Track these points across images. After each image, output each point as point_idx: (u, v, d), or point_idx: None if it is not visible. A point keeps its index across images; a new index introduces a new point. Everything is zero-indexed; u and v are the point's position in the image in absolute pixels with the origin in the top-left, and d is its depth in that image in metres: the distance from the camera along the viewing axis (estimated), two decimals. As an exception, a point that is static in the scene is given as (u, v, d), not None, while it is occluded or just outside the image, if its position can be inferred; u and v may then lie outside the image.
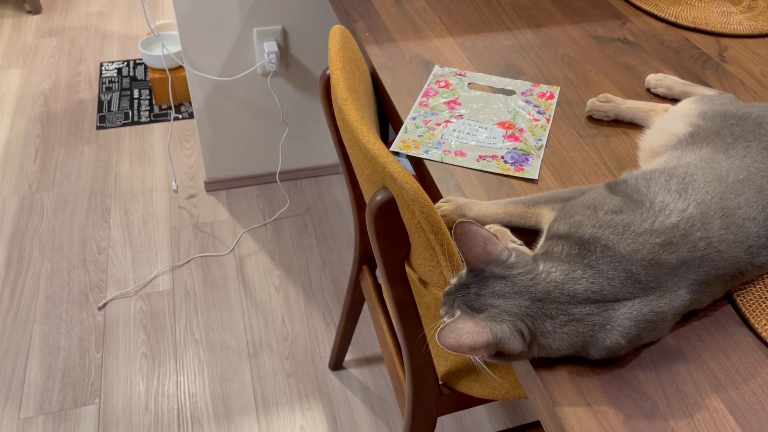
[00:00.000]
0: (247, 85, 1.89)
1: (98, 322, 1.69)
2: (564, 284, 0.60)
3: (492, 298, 0.61)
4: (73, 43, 2.83)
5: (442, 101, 0.99)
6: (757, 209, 0.66)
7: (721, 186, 0.67)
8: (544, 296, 0.60)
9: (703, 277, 0.63)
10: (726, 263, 0.64)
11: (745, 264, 0.66)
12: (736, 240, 0.65)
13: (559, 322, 0.60)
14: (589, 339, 0.61)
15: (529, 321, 0.60)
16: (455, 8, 1.23)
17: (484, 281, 0.62)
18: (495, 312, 0.60)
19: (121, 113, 2.43)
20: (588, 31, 1.18)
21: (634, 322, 0.60)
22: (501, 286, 0.61)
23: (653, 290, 0.61)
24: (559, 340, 0.61)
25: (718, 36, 1.18)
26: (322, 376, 1.59)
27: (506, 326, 0.59)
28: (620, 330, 0.60)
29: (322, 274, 1.84)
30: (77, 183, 2.11)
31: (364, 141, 0.78)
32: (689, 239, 0.63)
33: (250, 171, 2.09)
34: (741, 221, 0.65)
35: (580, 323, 0.60)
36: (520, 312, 0.60)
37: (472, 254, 0.62)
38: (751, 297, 0.69)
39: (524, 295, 0.60)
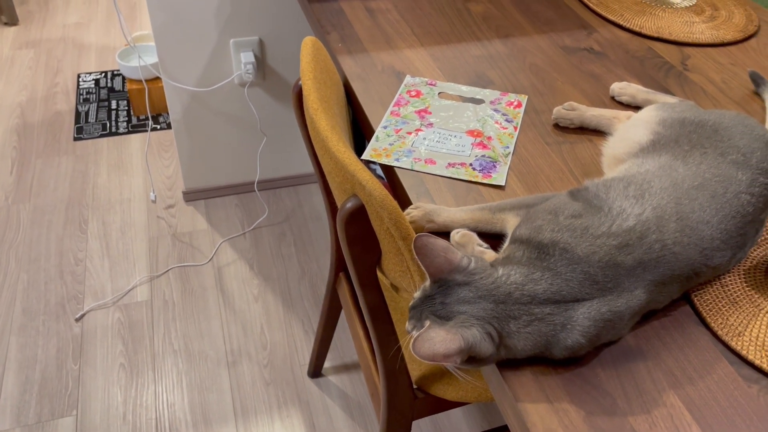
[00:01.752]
0: (224, 95, 1.90)
1: (75, 334, 1.68)
2: (524, 285, 0.63)
3: (458, 305, 0.63)
4: (50, 54, 2.82)
5: (412, 110, 1.01)
6: (710, 213, 0.69)
7: (677, 192, 0.70)
8: (506, 298, 0.62)
9: (659, 277, 0.65)
10: (681, 264, 0.67)
11: (699, 265, 0.68)
12: (690, 242, 0.67)
13: (522, 323, 0.62)
14: (551, 338, 0.63)
15: (496, 323, 0.62)
16: (427, 19, 1.26)
17: (447, 290, 0.64)
18: (463, 318, 0.62)
19: (98, 124, 2.43)
20: (556, 41, 1.21)
21: (592, 321, 0.62)
22: (465, 292, 0.63)
23: (611, 290, 0.63)
24: (523, 340, 0.63)
25: (681, 45, 1.21)
26: (301, 384, 1.59)
27: (475, 330, 0.61)
28: (580, 329, 0.62)
29: (301, 282, 1.85)
30: (54, 194, 2.11)
31: (334, 150, 0.79)
32: (645, 241, 0.65)
33: (228, 180, 2.10)
34: (695, 225, 0.68)
35: (542, 323, 0.62)
36: (486, 315, 0.62)
37: (434, 265, 0.64)
38: (707, 297, 0.72)
39: (488, 299, 0.62)
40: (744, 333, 0.68)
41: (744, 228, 0.71)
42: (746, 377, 0.65)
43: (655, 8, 1.32)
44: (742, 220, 0.71)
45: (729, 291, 0.72)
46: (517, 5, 1.31)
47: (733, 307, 0.71)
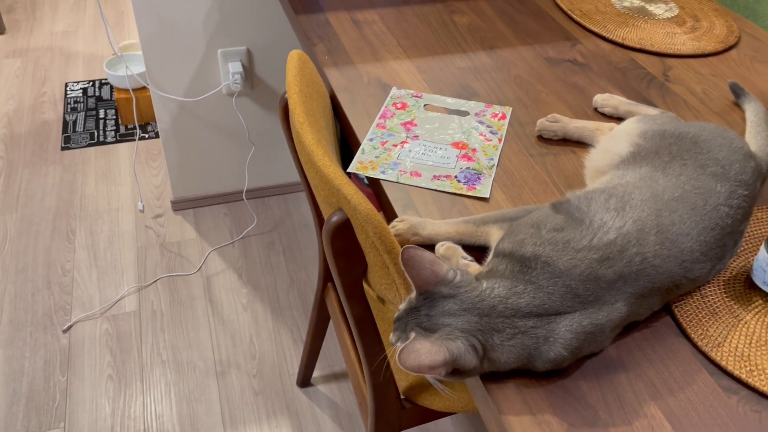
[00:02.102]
0: (212, 105, 1.90)
1: (63, 345, 1.68)
2: (507, 299, 0.63)
3: (443, 317, 0.64)
4: (37, 63, 2.81)
5: (398, 122, 1.02)
6: (690, 225, 0.70)
7: (657, 204, 0.71)
8: (490, 311, 0.63)
9: (639, 290, 0.67)
10: (661, 277, 0.68)
11: (679, 278, 0.69)
12: (670, 255, 0.68)
13: (506, 335, 0.63)
14: (534, 351, 0.64)
15: (480, 336, 0.63)
16: (413, 31, 1.27)
17: (433, 302, 0.65)
18: (448, 330, 0.63)
19: (86, 133, 2.42)
20: (540, 52, 1.22)
21: (574, 334, 0.63)
22: (450, 305, 0.64)
23: (592, 304, 0.64)
24: (506, 353, 0.63)
25: (663, 56, 1.23)
26: (290, 394, 1.60)
27: (460, 343, 0.62)
28: (562, 342, 0.63)
29: (290, 291, 1.86)
30: (42, 204, 2.10)
31: (319, 164, 0.80)
32: (625, 255, 0.66)
33: (217, 190, 2.10)
34: (675, 237, 0.69)
35: (525, 336, 0.63)
36: (470, 328, 0.63)
37: (420, 278, 0.65)
38: (688, 308, 0.73)
39: (472, 312, 0.63)
40: (723, 344, 0.69)
41: (723, 240, 0.72)
42: (725, 388, 0.66)
43: (637, 19, 1.34)
44: (721, 232, 0.72)
45: (709, 302, 0.74)
46: (502, 17, 1.33)
47: (713, 318, 0.72)
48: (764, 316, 0.72)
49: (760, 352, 0.68)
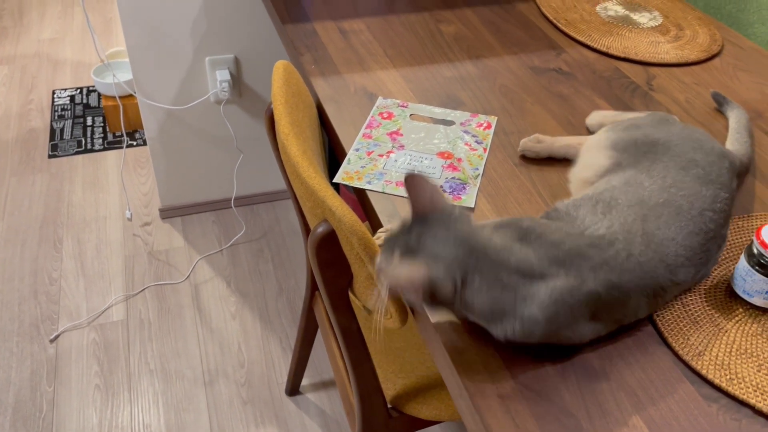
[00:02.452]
0: (200, 113, 1.90)
1: (50, 355, 1.67)
2: (500, 250, 0.64)
3: (432, 242, 0.64)
4: (24, 70, 2.80)
5: (384, 132, 1.03)
6: (675, 230, 0.71)
7: (643, 209, 0.72)
8: (479, 252, 0.64)
9: (623, 283, 0.67)
10: (646, 277, 0.68)
11: (665, 280, 0.70)
12: (655, 257, 0.69)
13: (486, 281, 0.63)
14: (508, 308, 0.64)
15: (461, 271, 0.63)
16: (399, 40, 1.27)
17: (426, 227, 0.65)
18: (432, 255, 0.63)
19: (74, 141, 2.41)
20: (525, 61, 1.23)
21: (552, 299, 0.64)
22: (442, 232, 0.64)
23: (575, 278, 0.65)
24: (482, 298, 0.63)
25: (647, 65, 1.25)
26: (278, 402, 1.59)
27: (442, 269, 0.63)
28: (538, 303, 0.63)
29: (278, 299, 1.85)
30: (28, 213, 2.09)
31: (304, 175, 0.80)
32: (613, 248, 0.68)
33: (205, 197, 2.10)
34: (660, 241, 0.70)
35: (504, 289, 0.63)
36: (456, 259, 0.63)
37: (419, 202, 0.66)
38: (669, 317, 0.74)
39: (462, 246, 0.64)
40: (704, 353, 0.70)
41: (707, 244, 0.73)
42: (706, 396, 0.67)
43: (621, 28, 1.35)
44: (705, 237, 0.73)
45: (690, 311, 0.74)
46: (488, 26, 1.34)
47: (694, 327, 0.72)
48: (745, 325, 0.73)
49: (740, 360, 0.69)
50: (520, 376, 0.68)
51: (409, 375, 1.07)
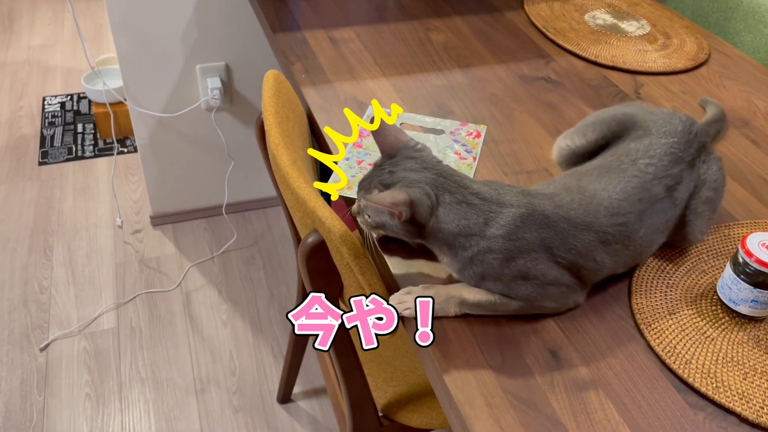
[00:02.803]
0: (191, 120, 1.90)
1: (40, 364, 1.66)
2: (464, 178, 0.74)
3: (404, 172, 0.73)
4: (14, 77, 2.79)
5: (374, 141, 1.03)
6: (605, 182, 0.77)
7: (577, 176, 0.80)
8: (446, 174, 0.73)
9: (570, 216, 0.73)
10: (589, 215, 0.74)
11: (609, 223, 0.74)
12: (593, 201, 0.75)
13: (455, 198, 0.72)
14: (475, 227, 0.71)
15: (434, 190, 0.72)
16: (389, 49, 1.28)
17: (396, 162, 0.74)
18: (407, 181, 0.72)
19: (64, 148, 2.41)
20: (514, 70, 1.24)
21: (509, 219, 0.71)
22: (411, 163, 0.74)
23: (526, 207, 0.72)
24: (452, 214, 0.71)
25: (635, 73, 1.26)
26: (270, 410, 1.59)
27: (417, 190, 0.71)
28: (498, 223, 0.71)
29: (270, 306, 1.85)
30: (18, 221, 2.08)
31: (294, 186, 0.81)
32: (558, 196, 0.75)
33: (196, 204, 2.09)
34: (593, 191, 0.77)
35: (471, 208, 0.72)
36: (427, 181, 0.72)
37: (386, 143, 0.76)
38: (657, 326, 0.74)
39: (431, 170, 0.73)
40: (691, 361, 0.70)
41: (648, 185, 0.77)
42: (693, 404, 0.68)
43: (610, 37, 1.36)
44: (641, 179, 0.77)
45: (677, 319, 0.75)
46: (478, 34, 1.35)
47: (680, 335, 0.73)
48: (731, 333, 0.74)
49: (727, 368, 0.70)
50: (508, 385, 0.69)
51: (400, 383, 1.08)
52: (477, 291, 0.75)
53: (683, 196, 0.80)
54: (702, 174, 0.82)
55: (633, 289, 0.78)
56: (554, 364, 0.71)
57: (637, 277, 0.80)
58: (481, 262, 0.72)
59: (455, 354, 0.72)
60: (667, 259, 0.83)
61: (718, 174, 0.84)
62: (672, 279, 0.80)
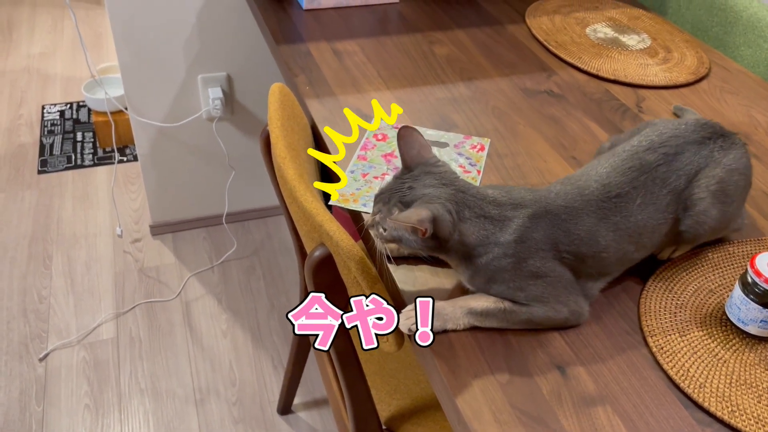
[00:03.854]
0: (192, 130, 1.90)
1: (39, 374, 1.65)
2: (479, 189, 0.76)
3: (424, 188, 0.74)
4: (13, 85, 2.79)
5: (379, 154, 1.04)
6: (596, 171, 0.80)
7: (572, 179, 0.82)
8: (465, 189, 0.75)
9: (568, 203, 0.76)
10: (584, 193, 0.77)
11: (602, 197, 0.77)
12: (588, 179, 0.79)
13: (474, 213, 0.74)
14: (491, 237, 0.74)
15: (454, 205, 0.73)
16: (392, 61, 1.29)
17: (416, 178, 0.75)
18: (428, 198, 0.73)
19: (63, 157, 2.40)
20: (517, 83, 1.25)
21: (519, 223, 0.74)
22: (431, 180, 0.75)
23: (533, 208, 0.75)
24: (473, 228, 0.74)
25: (636, 87, 1.27)
26: (270, 421, 1.59)
27: (439, 206, 0.72)
28: (513, 227, 0.74)
29: (270, 316, 1.85)
30: (17, 230, 2.07)
31: (301, 199, 0.81)
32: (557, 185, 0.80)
33: (196, 214, 2.09)
34: (585, 173, 0.81)
35: (488, 219, 0.74)
36: (448, 198, 0.73)
37: (409, 155, 0.77)
38: (668, 348, 0.74)
39: (450, 186, 0.75)
40: (705, 385, 0.70)
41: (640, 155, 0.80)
42: (700, 421, 0.68)
43: (611, 50, 1.37)
44: (632, 152, 0.81)
45: (689, 341, 0.75)
46: (481, 48, 1.36)
47: (693, 357, 0.73)
48: (742, 354, 0.74)
49: (741, 391, 0.70)
50: (517, 400, 0.69)
51: (404, 396, 1.08)
52: (485, 299, 0.76)
53: (687, 168, 0.80)
54: (716, 156, 0.82)
55: (642, 310, 0.78)
56: (562, 379, 0.71)
57: (645, 297, 0.80)
58: (495, 267, 0.74)
59: (463, 369, 0.72)
60: (674, 279, 0.83)
61: (738, 159, 0.83)
62: (680, 299, 0.80)
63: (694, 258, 0.86)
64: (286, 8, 1.44)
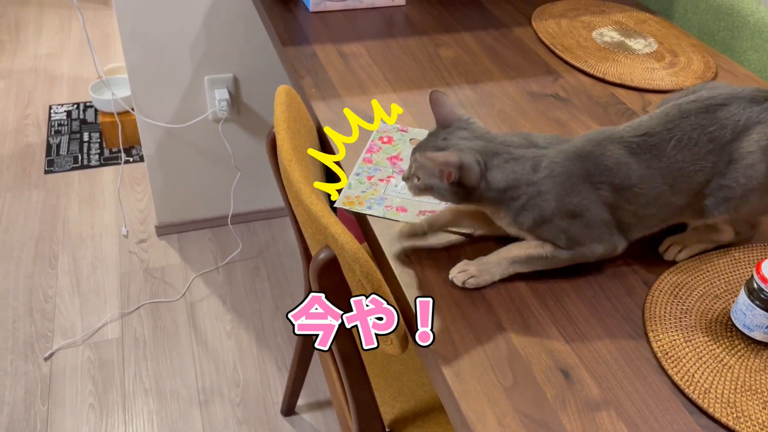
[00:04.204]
0: (198, 131, 1.91)
1: (44, 374, 1.66)
2: (507, 136, 0.82)
3: (457, 140, 0.81)
4: (21, 85, 2.80)
5: (384, 157, 1.04)
6: None
7: None
8: (493, 139, 0.81)
9: (592, 138, 0.80)
10: (603, 135, 0.81)
11: (619, 139, 0.79)
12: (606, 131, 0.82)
13: (502, 159, 0.79)
14: (522, 178, 0.78)
15: (483, 156, 0.78)
16: (398, 64, 1.29)
17: (450, 132, 0.82)
18: (459, 147, 0.80)
19: (70, 157, 2.41)
20: (523, 86, 1.25)
21: (555, 159, 0.78)
22: (463, 133, 0.82)
23: (565, 145, 0.80)
24: (501, 173, 0.78)
25: (642, 91, 1.26)
26: (274, 423, 1.59)
27: (468, 154, 0.78)
28: (545, 165, 0.78)
29: (274, 317, 1.85)
30: (24, 229, 2.08)
31: (306, 202, 0.81)
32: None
33: (201, 214, 2.10)
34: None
35: (517, 162, 0.79)
36: (477, 148, 0.79)
37: (442, 114, 0.84)
38: (673, 353, 0.74)
39: (480, 138, 0.81)
40: (710, 390, 0.70)
41: (678, 105, 0.81)
42: (704, 426, 0.68)
43: (617, 54, 1.37)
44: (672, 104, 0.82)
45: (694, 347, 0.75)
46: (486, 51, 1.36)
47: (698, 363, 0.73)
48: (747, 360, 0.73)
49: (746, 397, 0.70)
50: (520, 404, 0.69)
51: (408, 399, 1.08)
52: (526, 246, 0.81)
53: (733, 119, 0.79)
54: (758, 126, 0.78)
55: (647, 315, 0.78)
56: (566, 383, 0.71)
57: (650, 302, 0.80)
58: (533, 206, 0.78)
59: (467, 372, 0.72)
60: (679, 284, 0.83)
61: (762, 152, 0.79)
62: (686, 304, 0.80)
63: (700, 263, 0.86)
64: (292, 10, 1.45)
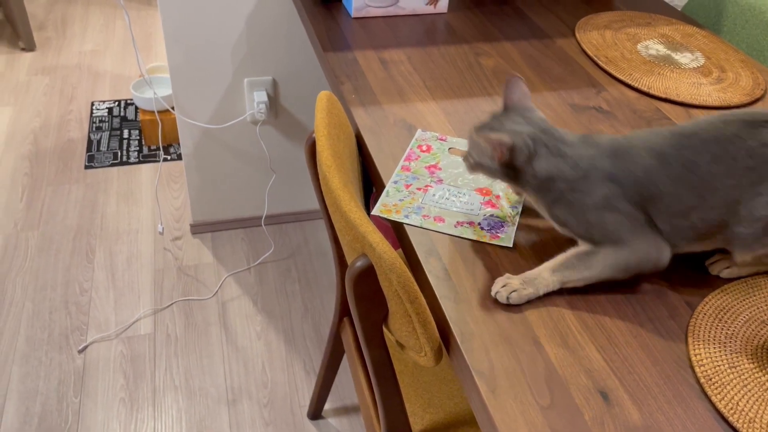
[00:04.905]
0: (236, 132, 1.93)
1: (77, 366, 1.69)
2: (561, 131, 0.85)
3: (512, 125, 0.86)
4: (65, 81, 2.87)
5: (423, 165, 1.03)
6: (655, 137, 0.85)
7: None
8: (547, 131, 0.85)
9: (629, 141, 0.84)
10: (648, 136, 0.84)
11: (667, 148, 0.81)
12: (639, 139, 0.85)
13: (550, 151, 0.83)
14: (560, 174, 0.82)
15: (533, 143, 0.83)
16: (439, 72, 1.28)
17: (509, 117, 0.87)
18: (514, 131, 0.84)
19: (110, 153, 2.46)
20: (565, 98, 1.23)
21: (589, 160, 0.82)
22: (520, 119, 0.86)
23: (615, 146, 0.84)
24: (545, 164, 0.82)
25: (688, 106, 1.23)
26: (300, 426, 1.59)
27: (519, 138, 0.82)
28: (582, 166, 0.81)
29: (304, 320, 1.86)
30: (63, 222, 2.13)
31: (345, 209, 0.81)
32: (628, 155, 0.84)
33: (235, 214, 2.12)
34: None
35: (562, 158, 0.83)
36: (529, 134, 0.83)
37: (510, 99, 0.88)
38: (717, 379, 0.72)
39: (535, 127, 0.85)
40: (755, 420, 0.68)
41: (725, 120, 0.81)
42: (749, 458, 0.66)
43: (663, 68, 1.34)
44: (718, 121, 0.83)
45: (739, 373, 0.72)
46: (528, 61, 1.34)
47: (743, 390, 0.71)
48: (790, 385, 0.71)
49: (789, 425, 0.67)
50: (557, 425, 0.68)
51: (437, 410, 1.07)
52: (563, 254, 0.83)
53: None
54: None
55: (690, 339, 0.76)
56: (605, 405, 0.69)
57: (694, 325, 0.78)
58: (566, 201, 0.82)
59: (503, 390, 0.71)
60: (724, 308, 0.81)
61: None
62: (730, 329, 0.77)
63: (746, 286, 0.83)
64: (334, 15, 1.45)
